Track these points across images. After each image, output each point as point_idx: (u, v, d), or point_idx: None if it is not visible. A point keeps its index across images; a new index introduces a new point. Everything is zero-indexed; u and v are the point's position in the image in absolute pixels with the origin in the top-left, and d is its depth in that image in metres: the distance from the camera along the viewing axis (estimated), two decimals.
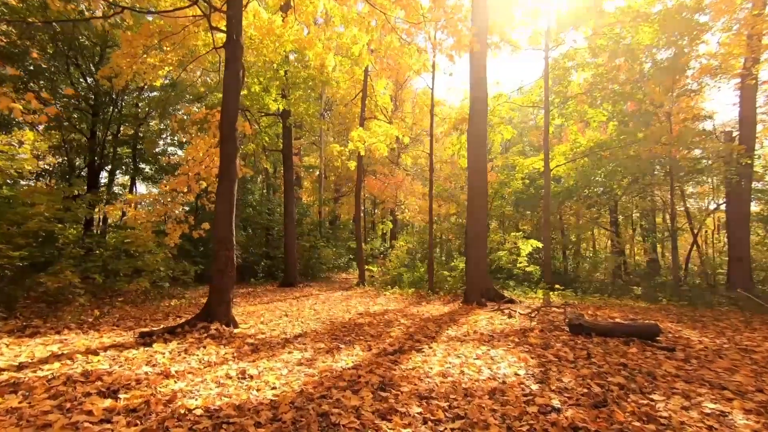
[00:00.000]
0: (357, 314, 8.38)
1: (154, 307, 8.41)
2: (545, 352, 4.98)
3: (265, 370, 4.24)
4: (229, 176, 6.42)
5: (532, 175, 19.95)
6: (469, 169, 10.90)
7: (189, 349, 4.90)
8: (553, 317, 7.47)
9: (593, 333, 5.85)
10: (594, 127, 15.22)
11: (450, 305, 9.96)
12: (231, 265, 6.32)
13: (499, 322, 7.05)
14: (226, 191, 6.37)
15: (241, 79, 6.67)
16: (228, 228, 6.32)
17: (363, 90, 14.98)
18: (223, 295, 6.19)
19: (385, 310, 9.08)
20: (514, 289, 12.05)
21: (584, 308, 8.79)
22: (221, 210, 6.35)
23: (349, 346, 5.36)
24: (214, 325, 5.88)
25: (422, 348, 5.20)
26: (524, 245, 13.54)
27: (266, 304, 10.04)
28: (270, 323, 7.07)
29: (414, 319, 7.57)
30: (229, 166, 6.43)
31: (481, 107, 10.83)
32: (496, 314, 8.00)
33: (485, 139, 10.90)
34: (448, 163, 21.98)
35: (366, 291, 13.12)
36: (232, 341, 5.44)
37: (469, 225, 10.66)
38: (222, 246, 6.25)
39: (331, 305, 9.88)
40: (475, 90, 10.89)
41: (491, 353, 4.94)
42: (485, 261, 10.66)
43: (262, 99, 13.18)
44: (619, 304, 10.06)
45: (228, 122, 6.49)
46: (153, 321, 7.04)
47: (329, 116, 21.99)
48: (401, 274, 14.67)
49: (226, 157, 6.46)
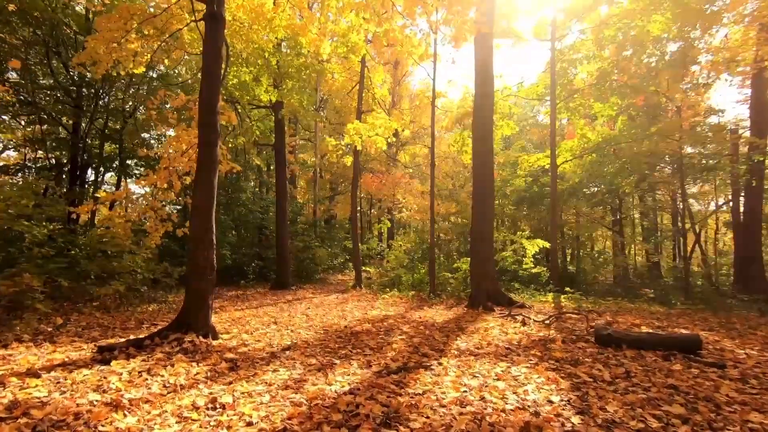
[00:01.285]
0: (354, 321, 7.61)
1: (129, 314, 7.60)
2: (576, 369, 4.24)
3: (242, 396, 3.46)
4: (209, 166, 5.64)
5: (535, 172, 19.29)
6: (474, 163, 10.17)
7: (154, 368, 4.11)
8: (571, 325, 6.74)
9: (624, 345, 5.12)
10: (602, 121, 14.54)
11: (454, 310, 9.21)
12: (210, 267, 5.54)
13: (513, 331, 6.30)
14: (204, 183, 5.58)
15: (222, 57, 5.88)
16: (206, 225, 5.54)
17: (360, 82, 14.21)
18: (200, 301, 5.41)
19: (385, 315, 8.31)
20: (520, 292, 11.32)
21: (600, 313, 8.08)
22: (199, 204, 5.56)
23: (345, 362, 4.59)
24: (190, 337, 5.09)
25: (431, 364, 4.44)
26: (530, 245, 12.83)
27: (255, 308, 9.24)
28: (255, 332, 6.28)
29: (417, 327, 6.82)
30: (208, 155, 5.65)
31: (487, 94, 10.10)
32: (507, 321, 7.26)
33: (491, 130, 10.17)
34: (449, 159, 21.28)
35: (363, 294, 12.35)
36: (208, 356, 4.65)
37: (475, 223, 9.92)
38: (200, 245, 5.46)
39: (326, 310, 9.10)
40: (481, 76, 10.15)
41: (513, 371, 4.19)
42: (492, 262, 9.93)
43: (253, 89, 12.37)
44: (634, 308, 9.35)
45: (207, 105, 5.71)
46: (123, 330, 6.24)
47: (325, 112, 21.19)
48: (400, 275, 13.91)
49: (205, 144, 5.67)
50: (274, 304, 10.02)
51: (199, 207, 5.55)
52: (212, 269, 5.57)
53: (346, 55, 13.73)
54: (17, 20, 13.23)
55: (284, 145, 14.04)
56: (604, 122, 14.71)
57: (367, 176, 21.78)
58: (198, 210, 5.55)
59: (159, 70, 15.03)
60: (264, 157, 18.84)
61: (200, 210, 5.54)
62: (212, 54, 5.76)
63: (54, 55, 14.86)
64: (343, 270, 20.99)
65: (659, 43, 13.66)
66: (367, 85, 14.82)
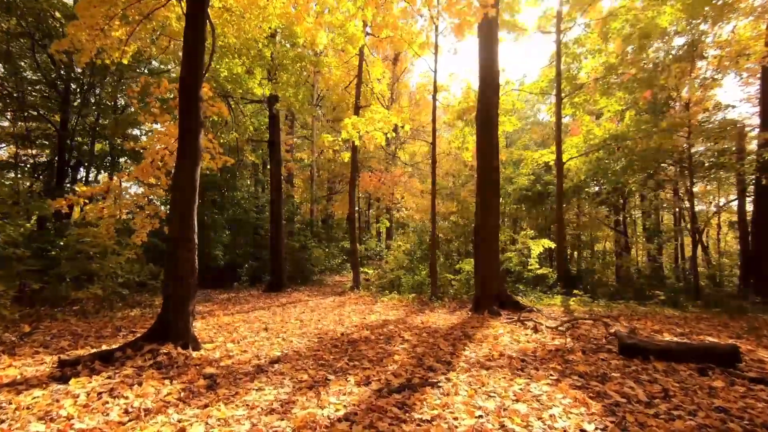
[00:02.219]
0: (351, 327, 7.07)
1: (108, 320, 7.03)
2: (604, 387, 3.70)
3: (217, 425, 2.91)
4: (190, 157, 5.08)
5: (538, 171, 18.80)
6: (479, 157, 9.64)
7: (118, 387, 3.55)
8: (587, 331, 6.21)
9: (651, 356, 4.59)
10: (609, 117, 14.04)
11: (458, 314, 8.68)
12: (191, 269, 4.98)
13: (525, 339, 5.77)
14: (185, 176, 5.03)
15: (205, 37, 5.33)
16: (187, 222, 4.99)
17: (358, 76, 13.67)
18: (180, 308, 4.85)
19: (384, 320, 7.77)
20: (526, 295, 10.79)
21: (615, 318, 7.56)
22: (179, 199, 5.01)
23: (341, 378, 4.05)
24: (166, 348, 4.54)
25: (438, 381, 3.90)
26: (535, 246, 12.30)
27: (246, 312, 8.68)
28: (243, 341, 5.72)
29: (420, 334, 6.28)
30: (190, 145, 5.09)
31: (492, 87, 9.58)
32: (517, 327, 6.72)
33: (496, 124, 9.65)
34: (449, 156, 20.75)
35: (361, 296, 11.80)
36: (185, 371, 4.10)
37: (480, 221, 9.39)
38: (179, 245, 4.91)
39: (321, 314, 8.55)
40: (486, 68, 9.63)
41: (533, 389, 3.65)
42: (498, 262, 9.40)
43: (246, 82, 11.81)
44: (647, 311, 8.83)
45: (188, 89, 5.16)
46: (97, 339, 5.67)
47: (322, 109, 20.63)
48: (399, 277, 13.36)
49: (187, 132, 5.12)
50: (267, 308, 9.46)
51: (178, 203, 5.00)
52: (193, 272, 5.02)
53: (344, 47, 13.19)
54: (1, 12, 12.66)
55: (279, 141, 13.48)
56: (610, 118, 14.20)
57: (366, 175, 21.22)
58: (177, 206, 5.00)
59: (149, 62, 14.46)
60: (259, 155, 18.27)
61: (180, 206, 4.99)
62: (194, 32, 5.20)
63: (40, 48, 14.28)
64: (341, 271, 20.43)
65: (666, 36, 13.18)
66: (366, 79, 14.28)
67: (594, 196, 18.20)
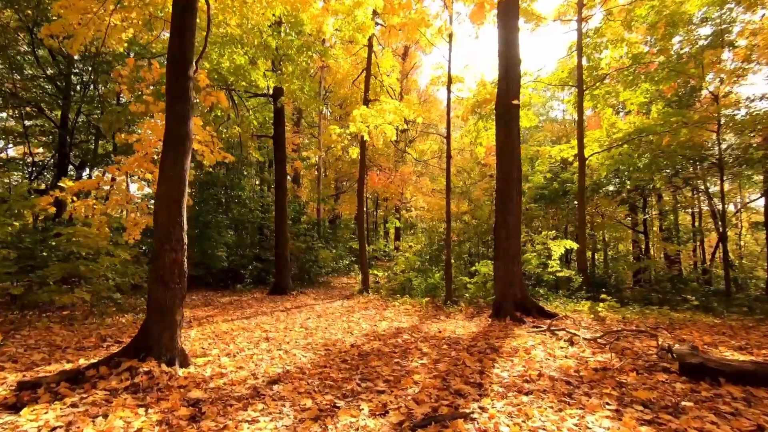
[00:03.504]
0: (361, 336, 6.38)
1: (94, 327, 6.41)
2: (681, 423, 2.96)
3: None
4: (178, 145, 4.43)
5: (554, 168, 18.00)
6: (498, 151, 8.91)
7: (80, 419, 2.89)
8: (629, 344, 5.45)
9: (722, 378, 3.84)
10: (633, 110, 13.20)
11: (476, 321, 7.96)
12: (179, 273, 4.33)
13: (561, 353, 5.03)
14: (172, 166, 4.38)
15: (196, 6, 4.68)
16: (175, 219, 4.33)
17: (367, 68, 13.00)
18: (165, 317, 4.19)
19: (397, 328, 7.07)
20: (547, 300, 10.02)
21: (653, 327, 6.79)
22: (165, 193, 4.36)
23: (352, 404, 3.36)
24: (148, 365, 3.88)
25: (471, 411, 3.19)
26: (556, 247, 11.51)
27: (247, 318, 8.03)
28: (239, 355, 5.05)
29: (439, 345, 5.57)
30: (177, 131, 4.44)
31: (512, 75, 8.85)
32: (547, 338, 5.98)
33: (517, 115, 8.93)
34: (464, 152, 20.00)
35: (370, 300, 11.11)
36: (167, 396, 3.44)
37: (500, 219, 8.66)
38: (165, 245, 4.26)
39: (329, 321, 7.88)
40: (505, 54, 8.91)
41: (591, 425, 2.92)
42: (519, 264, 8.66)
43: (249, 74, 11.19)
44: (685, 319, 8.02)
45: (176, 67, 4.51)
46: (77, 350, 5.04)
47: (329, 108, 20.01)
48: (410, 279, 12.65)
49: (175, 119, 4.47)
50: (270, 313, 8.80)
51: (164, 196, 4.35)
52: (182, 276, 4.36)
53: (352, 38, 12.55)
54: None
55: (284, 137, 12.85)
56: (634, 111, 13.36)
57: (374, 174, 20.57)
58: (163, 200, 4.35)
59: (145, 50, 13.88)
60: (264, 152, 17.68)
61: (166, 200, 4.34)
62: (182, 4, 4.56)
63: (39, 43, 13.85)
64: (348, 272, 19.77)
65: (692, 24, 12.34)
66: (375, 72, 13.61)
67: (614, 194, 17.34)
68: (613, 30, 13.46)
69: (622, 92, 12.94)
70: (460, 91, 11.97)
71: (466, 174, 19.52)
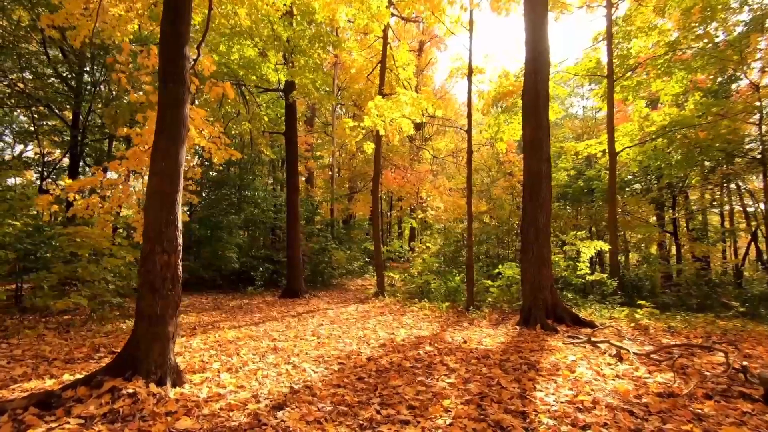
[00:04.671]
0: (378, 346, 5.78)
1: (90, 335, 5.95)
2: None
3: None
4: (172, 133, 3.90)
5: (578, 165, 17.15)
6: (526, 144, 8.22)
7: None
8: (689, 360, 4.71)
9: None
10: (667, 101, 12.30)
11: (502, 328, 7.29)
12: (173, 277, 3.79)
13: (610, 371, 4.34)
14: (164, 156, 3.85)
15: None
16: (168, 216, 3.79)
17: (382, 61, 12.40)
18: (155, 329, 3.66)
19: (418, 337, 6.45)
20: (577, 305, 9.24)
21: (706, 339, 6.02)
22: (156, 186, 3.83)
23: None
24: (134, 384, 3.34)
25: None
26: (585, 248, 10.73)
27: (255, 325, 7.50)
28: (243, 369, 4.49)
29: (467, 360, 4.93)
30: (172, 117, 3.91)
31: (540, 61, 8.15)
32: (589, 352, 5.28)
33: (546, 104, 8.21)
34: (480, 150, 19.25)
35: (386, 304, 10.50)
36: (149, 426, 2.89)
37: (528, 217, 7.96)
38: (156, 245, 3.72)
39: (343, 328, 7.30)
40: (533, 39, 8.21)
41: None
42: (550, 266, 7.94)
43: (259, 67, 10.72)
44: (736, 328, 7.18)
45: (170, 44, 3.99)
46: (65, 363, 4.56)
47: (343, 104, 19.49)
48: (428, 282, 11.99)
49: (168, 103, 3.94)
50: (281, 319, 8.27)
51: (155, 190, 3.81)
52: (175, 281, 3.82)
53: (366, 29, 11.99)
54: (9, 1, 12.03)
55: (296, 134, 12.35)
56: (668, 102, 12.46)
57: (388, 172, 19.95)
58: (155, 195, 3.81)
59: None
60: (276, 151, 17.25)
61: (157, 194, 3.80)
62: None
63: (51, 42, 13.67)
64: (363, 274, 19.21)
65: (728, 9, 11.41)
66: (390, 65, 13.02)
67: (644, 192, 16.39)
68: (644, 17, 12.62)
69: (653, 82, 12.07)
70: (481, 83, 11.29)
71: (485, 172, 18.76)
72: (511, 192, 15.78)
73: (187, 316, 8.34)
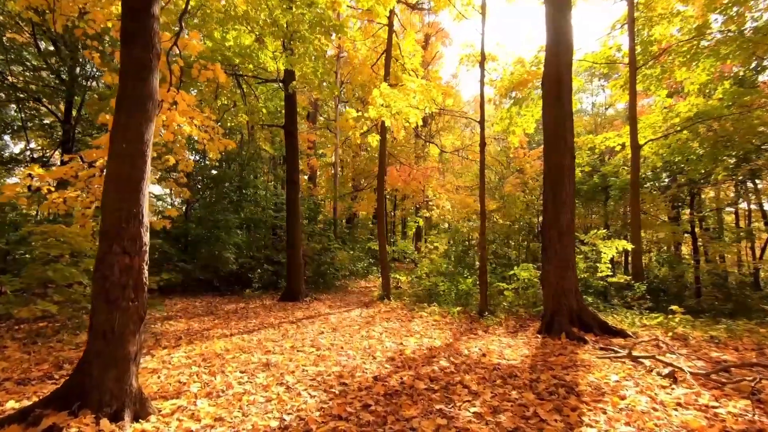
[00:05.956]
0: (386, 360, 5.05)
1: (60, 347, 5.25)
2: None
3: None
4: (135, 108, 3.19)
5: (592, 162, 16.38)
6: (547, 135, 7.47)
7: None
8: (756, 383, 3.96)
9: None
10: (692, 91, 11.50)
11: (522, 337, 6.57)
12: (135, 285, 3.07)
13: (667, 397, 3.59)
14: (124, 135, 3.13)
15: None
16: (129, 208, 3.08)
17: (387, 49, 11.67)
18: (113, 349, 2.94)
19: (430, 348, 5.72)
20: (598, 309, 8.47)
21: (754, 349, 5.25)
22: (115, 171, 3.12)
23: None
24: (82, 420, 2.64)
25: None
26: (607, 248, 9.95)
27: (249, 333, 6.79)
28: (226, 393, 3.77)
29: (491, 379, 4.20)
30: (134, 90, 3.20)
31: (563, 42, 7.40)
32: (631, 368, 4.53)
33: (570, 89, 7.45)
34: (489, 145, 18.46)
35: (392, 308, 9.77)
36: None
37: (550, 215, 7.21)
38: (115, 244, 3.01)
39: (345, 337, 6.57)
40: (555, 16, 7.46)
41: None
42: (575, 269, 7.19)
43: (256, 55, 10.03)
44: None
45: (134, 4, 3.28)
46: (17, 385, 3.85)
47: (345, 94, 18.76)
48: (436, 284, 11.24)
49: (130, 71, 3.23)
50: (278, 325, 7.55)
51: (115, 176, 3.10)
52: (139, 290, 3.10)
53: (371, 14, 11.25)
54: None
55: (296, 127, 11.63)
56: (693, 92, 11.65)
57: (393, 170, 19.20)
58: (114, 182, 3.10)
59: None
60: (277, 147, 16.56)
61: (116, 181, 3.09)
62: None
63: (41, 32, 13.09)
64: (367, 275, 18.47)
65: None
66: (396, 54, 12.29)
67: (663, 189, 15.58)
68: (666, 3, 11.84)
69: (679, 71, 11.28)
70: (494, 71, 10.52)
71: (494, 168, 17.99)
72: (522, 189, 15.02)
73: (176, 322, 7.64)
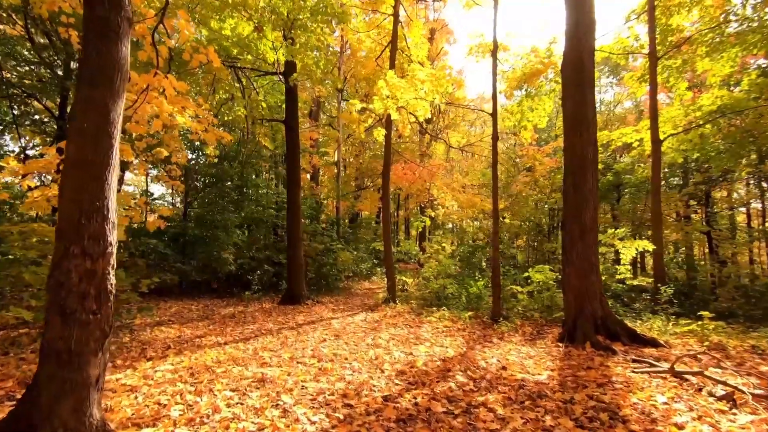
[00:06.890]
0: (395, 374, 4.50)
1: (33, 358, 4.73)
2: None
3: None
4: (99, 81, 2.65)
5: (606, 159, 15.83)
6: (568, 125, 6.91)
7: None
8: None
9: None
10: (715, 83, 10.90)
11: (542, 345, 6.01)
12: (98, 294, 2.54)
13: (733, 425, 3.03)
14: (86, 110, 2.60)
15: None
16: (90, 199, 2.55)
17: (392, 40, 11.12)
18: (69, 371, 2.41)
19: (443, 359, 5.16)
20: (618, 314, 7.88)
21: None
22: (75, 156, 2.59)
23: None
24: None
25: None
26: (626, 249, 9.37)
27: (245, 341, 6.25)
28: (209, 420, 3.22)
29: (518, 400, 3.65)
30: (98, 60, 2.67)
31: (584, 22, 6.84)
32: (678, 387, 3.96)
33: (592, 75, 6.90)
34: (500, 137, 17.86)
35: (399, 312, 9.22)
36: None
37: (570, 213, 6.66)
38: (73, 245, 2.48)
39: (350, 345, 6.03)
40: None
41: None
42: (599, 271, 6.62)
43: (255, 45, 9.51)
44: None
45: None
46: None
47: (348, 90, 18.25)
48: (445, 286, 10.69)
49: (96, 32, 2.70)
50: (276, 332, 7.01)
51: (74, 162, 2.57)
52: (102, 300, 2.56)
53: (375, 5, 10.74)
54: None
55: (297, 121, 11.10)
56: (716, 84, 11.06)
57: (397, 168, 18.65)
58: (72, 168, 2.57)
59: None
60: (278, 145, 16.05)
61: (76, 168, 2.56)
62: None
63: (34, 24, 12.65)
64: (370, 276, 17.94)
65: None
66: (401, 46, 11.75)
67: (680, 187, 14.99)
68: None
69: (701, 61, 10.69)
70: (505, 61, 9.96)
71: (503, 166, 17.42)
72: (533, 186, 14.45)
73: (167, 328, 7.12)
